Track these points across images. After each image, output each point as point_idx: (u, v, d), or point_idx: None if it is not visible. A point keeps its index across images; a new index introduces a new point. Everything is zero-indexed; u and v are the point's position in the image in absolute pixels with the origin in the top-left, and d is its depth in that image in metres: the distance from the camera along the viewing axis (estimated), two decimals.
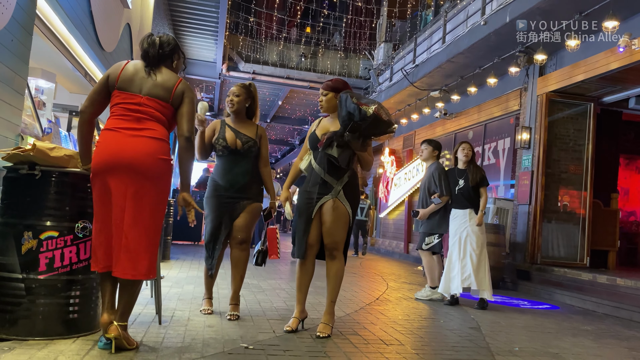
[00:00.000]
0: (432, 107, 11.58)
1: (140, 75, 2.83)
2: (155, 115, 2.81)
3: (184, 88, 2.90)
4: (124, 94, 2.80)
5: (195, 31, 12.64)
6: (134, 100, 2.79)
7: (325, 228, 3.48)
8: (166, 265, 6.70)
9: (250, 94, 3.88)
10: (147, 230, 2.74)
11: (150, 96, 2.81)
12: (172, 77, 2.89)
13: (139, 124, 2.77)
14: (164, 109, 2.84)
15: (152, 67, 2.87)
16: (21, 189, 2.91)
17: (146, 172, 2.71)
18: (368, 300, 5.28)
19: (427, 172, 5.83)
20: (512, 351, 3.52)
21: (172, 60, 2.98)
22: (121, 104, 2.79)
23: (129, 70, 2.84)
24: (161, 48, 2.89)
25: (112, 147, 2.72)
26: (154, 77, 2.84)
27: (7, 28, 3.06)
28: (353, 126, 3.28)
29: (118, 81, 2.81)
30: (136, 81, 2.82)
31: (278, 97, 18.02)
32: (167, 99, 2.84)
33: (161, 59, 2.91)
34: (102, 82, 2.87)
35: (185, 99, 2.89)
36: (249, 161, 3.82)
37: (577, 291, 6.77)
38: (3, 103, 3.15)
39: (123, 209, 2.70)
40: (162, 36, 2.96)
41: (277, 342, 3.19)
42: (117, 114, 2.79)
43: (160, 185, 2.80)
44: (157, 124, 2.81)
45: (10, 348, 2.65)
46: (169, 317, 3.65)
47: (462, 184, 5.54)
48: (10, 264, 2.85)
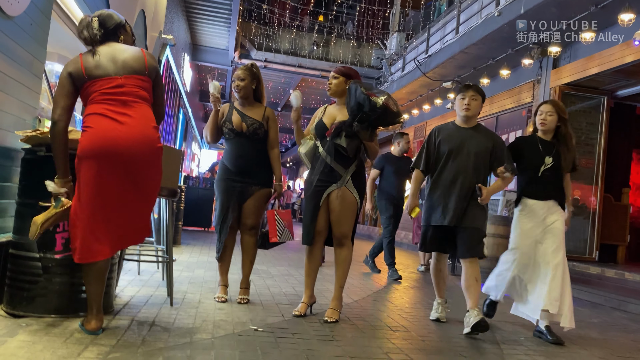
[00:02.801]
0: (444, 98, 11.53)
1: (103, 58, 2.67)
2: (139, 94, 2.71)
3: (152, 59, 2.79)
4: (99, 81, 2.65)
5: (208, 18, 12.66)
6: (113, 83, 2.65)
7: (333, 216, 3.52)
8: (177, 250, 6.79)
9: (254, 75, 3.87)
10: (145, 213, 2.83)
11: (128, 74, 2.68)
12: (136, 49, 2.77)
13: (126, 108, 2.66)
14: (144, 83, 2.74)
15: (107, 46, 2.70)
16: (39, 171, 2.97)
17: (141, 160, 2.69)
18: (375, 289, 5.33)
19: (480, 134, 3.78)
20: (517, 341, 3.56)
21: (117, 37, 2.80)
22: (100, 90, 2.65)
23: (89, 59, 2.67)
24: (102, 26, 2.73)
25: (104, 133, 2.61)
26: (118, 55, 2.69)
27: (27, 12, 3.11)
28: (362, 116, 3.32)
29: (85, 72, 2.64)
30: (104, 65, 2.66)
31: (289, 85, 18.02)
32: (143, 71, 2.73)
33: (107, 36, 2.74)
34: (67, 82, 2.65)
35: (158, 75, 2.83)
36: (257, 145, 3.82)
37: (585, 285, 6.77)
38: (22, 86, 3.21)
39: (117, 195, 2.66)
40: (101, 13, 2.78)
41: (286, 326, 3.26)
42: (99, 99, 2.65)
43: (155, 171, 2.80)
44: (144, 106, 2.73)
45: (27, 324, 2.73)
46: (180, 300, 3.72)
47: (549, 162, 3.78)
48: (28, 244, 2.92)
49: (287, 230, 3.75)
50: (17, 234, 2.99)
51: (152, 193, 2.84)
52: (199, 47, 14.91)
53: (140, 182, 2.74)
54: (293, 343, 2.87)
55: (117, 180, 2.66)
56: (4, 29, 2.89)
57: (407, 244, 12.99)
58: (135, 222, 2.78)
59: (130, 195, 2.72)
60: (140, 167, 2.71)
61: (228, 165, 3.85)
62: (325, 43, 16.19)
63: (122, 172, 2.66)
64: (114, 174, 2.64)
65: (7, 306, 2.93)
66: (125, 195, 2.70)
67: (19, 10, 2.99)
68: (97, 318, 2.70)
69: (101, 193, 2.63)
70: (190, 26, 13.32)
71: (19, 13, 3.01)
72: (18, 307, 2.91)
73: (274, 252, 7.48)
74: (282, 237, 3.72)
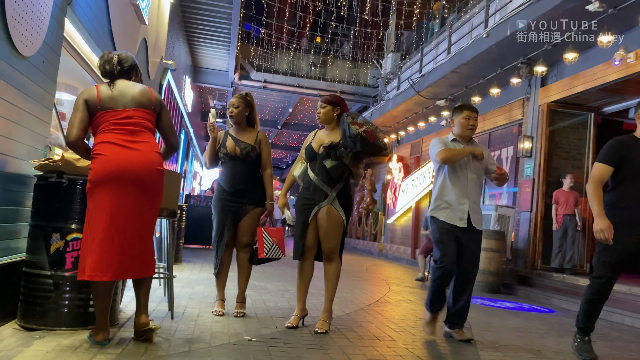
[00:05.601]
0: (438, 115, 11.85)
1: (116, 92, 3.00)
2: (145, 125, 3.02)
3: (158, 96, 3.16)
4: (110, 112, 2.96)
5: (208, 42, 13.07)
6: (123, 114, 2.97)
7: (321, 232, 3.79)
8: (178, 267, 7.04)
9: (247, 103, 4.16)
10: (147, 233, 3.05)
11: (136, 107, 3.01)
12: (144, 87, 3.11)
13: (134, 136, 2.96)
14: (149, 116, 3.06)
15: (115, 82, 3.04)
16: (50, 195, 3.25)
17: (147, 182, 2.97)
18: (368, 302, 5.57)
19: None
20: (495, 347, 3.79)
21: (130, 76, 3.14)
22: (110, 120, 2.95)
23: (104, 91, 2.99)
24: (120, 64, 3.09)
25: (115, 159, 2.89)
26: (128, 91, 3.02)
27: (39, 51, 3.42)
28: (345, 142, 3.62)
29: (99, 103, 2.95)
30: (116, 98, 2.99)
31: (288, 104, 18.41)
32: (150, 106, 3.06)
33: (122, 74, 3.09)
34: (83, 108, 2.95)
35: (163, 108, 3.17)
36: (250, 167, 4.10)
37: (574, 296, 6.98)
38: (34, 118, 3.51)
39: (125, 218, 2.91)
40: (120, 54, 3.14)
41: (279, 336, 3.50)
42: (109, 129, 2.94)
43: (157, 192, 3.07)
44: (150, 135, 3.05)
45: (40, 336, 2.98)
46: (180, 314, 3.97)
47: None
48: (40, 262, 3.19)
49: (277, 247, 3.98)
50: (30, 253, 3.25)
51: (153, 215, 3.11)
52: (199, 69, 15.32)
53: (145, 204, 3.01)
54: (284, 351, 3.11)
55: (126, 202, 2.92)
56: (19, 68, 3.19)
57: (405, 259, 13.21)
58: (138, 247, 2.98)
59: (136, 217, 2.97)
60: (147, 188, 2.99)
61: (224, 186, 4.12)
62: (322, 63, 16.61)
63: (131, 194, 2.93)
64: (124, 196, 2.91)
65: (22, 320, 3.18)
66: (132, 217, 2.95)
67: (33, 50, 3.30)
68: (104, 330, 2.95)
69: (112, 214, 2.88)
70: (191, 49, 13.73)
71: (33, 53, 3.32)
72: (31, 321, 3.16)
73: (271, 269, 7.73)
74: (270, 254, 3.95)
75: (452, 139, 4.03)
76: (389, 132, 14.72)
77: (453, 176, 3.91)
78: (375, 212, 16.80)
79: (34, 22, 3.27)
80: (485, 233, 7.97)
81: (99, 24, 4.85)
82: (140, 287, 3.11)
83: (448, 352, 3.50)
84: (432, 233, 3.96)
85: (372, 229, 17.01)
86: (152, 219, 3.10)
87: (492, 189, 10.37)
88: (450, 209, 3.86)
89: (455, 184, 3.89)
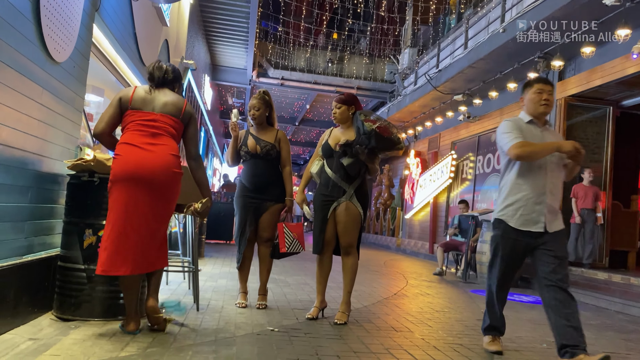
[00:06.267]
0: (456, 110, 11.87)
1: (150, 96, 3.20)
2: (168, 130, 3.18)
3: (190, 109, 3.33)
4: (138, 112, 3.14)
5: (227, 41, 13.26)
6: (149, 117, 3.14)
7: (340, 228, 3.92)
8: (201, 262, 7.24)
9: (267, 103, 4.31)
10: (161, 230, 3.20)
11: (164, 113, 3.18)
12: (180, 98, 3.31)
13: (154, 139, 3.11)
14: (175, 124, 3.22)
15: (158, 88, 3.24)
16: (82, 193, 3.44)
17: (163, 183, 3.11)
18: (386, 295, 5.69)
19: None
20: (510, 338, 3.88)
21: (173, 87, 3.35)
22: (137, 120, 3.13)
23: (139, 93, 3.19)
24: (166, 73, 3.29)
25: (133, 159, 3.04)
26: (163, 97, 3.21)
27: (71, 57, 3.61)
28: (361, 139, 3.74)
29: (131, 102, 3.15)
30: (148, 101, 3.18)
31: (306, 101, 18.54)
32: (178, 115, 3.22)
33: (165, 82, 3.29)
34: (116, 105, 3.17)
35: (192, 120, 3.32)
36: (270, 164, 4.25)
37: (592, 290, 7.01)
38: (66, 120, 3.70)
39: (142, 215, 3.06)
40: (169, 65, 3.37)
41: (300, 327, 3.65)
42: (133, 129, 3.12)
43: (173, 193, 3.21)
44: (170, 139, 3.20)
45: (76, 326, 3.18)
46: (205, 306, 4.15)
47: None
48: (74, 257, 3.38)
49: (297, 241, 4.13)
50: (64, 248, 3.45)
51: (168, 213, 3.25)
52: (218, 68, 15.53)
53: (159, 203, 3.14)
54: (305, 341, 3.26)
55: (141, 201, 3.06)
56: (53, 74, 3.38)
57: (423, 254, 13.28)
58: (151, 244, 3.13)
59: (151, 215, 3.10)
60: (161, 189, 3.12)
61: (245, 184, 4.28)
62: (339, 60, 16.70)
63: (146, 194, 3.07)
64: (139, 196, 3.06)
65: (57, 311, 3.39)
66: (147, 215, 3.09)
67: (65, 56, 3.49)
68: (134, 321, 3.13)
69: (128, 213, 3.04)
70: (210, 48, 13.94)
71: (65, 59, 3.51)
72: (67, 312, 3.36)
73: (291, 263, 7.90)
74: (290, 248, 4.11)
75: (527, 120, 3.38)
76: (406, 128, 14.76)
77: (527, 170, 3.25)
78: (393, 207, 16.87)
79: (66, 29, 3.46)
80: None
81: (123, 27, 5.04)
82: (151, 275, 3.28)
83: (464, 343, 3.61)
84: (492, 240, 3.36)
85: (390, 224, 17.08)
86: (166, 216, 3.24)
87: None
88: (524, 211, 3.23)
89: (531, 179, 3.24)
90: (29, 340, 2.80)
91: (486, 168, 11.46)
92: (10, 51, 2.80)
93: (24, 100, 3.01)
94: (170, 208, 3.24)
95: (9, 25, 2.76)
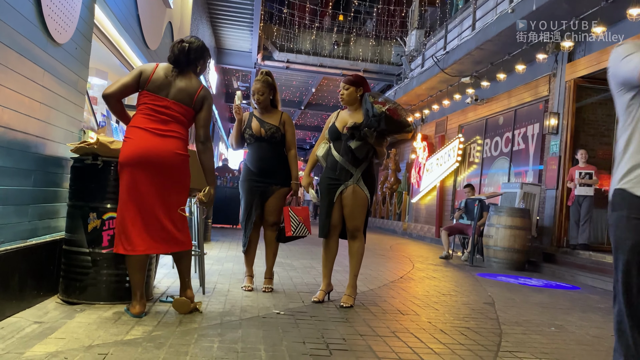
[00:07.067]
0: (463, 93, 11.75)
1: (168, 80, 3.16)
2: (178, 118, 3.19)
3: (205, 94, 3.27)
4: (152, 95, 3.15)
5: (231, 23, 13.13)
6: (162, 103, 3.14)
7: (346, 211, 3.88)
8: (207, 246, 7.25)
9: (271, 86, 4.23)
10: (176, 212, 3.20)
11: (176, 100, 3.16)
12: (195, 83, 3.25)
13: (164, 125, 3.13)
14: (186, 112, 3.22)
15: (180, 72, 3.19)
16: (86, 177, 3.41)
17: (171, 166, 3.14)
18: (392, 279, 5.67)
19: None
20: (518, 322, 3.86)
21: (197, 65, 3.30)
22: (149, 104, 3.14)
23: (159, 74, 3.17)
24: (190, 54, 3.23)
25: (143, 144, 3.07)
26: (180, 83, 3.19)
27: (73, 38, 3.55)
28: (369, 122, 3.67)
29: (149, 83, 3.14)
30: (164, 86, 3.16)
31: (312, 84, 18.40)
32: (190, 103, 3.22)
33: (189, 64, 3.24)
34: (135, 76, 3.16)
35: (205, 105, 3.28)
36: (275, 148, 4.20)
37: (601, 273, 6.96)
38: (69, 103, 3.66)
39: (152, 197, 3.10)
40: (192, 42, 3.27)
41: (305, 310, 3.63)
42: (145, 112, 3.14)
43: (183, 175, 3.22)
44: (180, 126, 3.20)
45: (81, 309, 3.17)
46: (211, 289, 4.14)
47: None
48: (79, 240, 3.37)
49: (303, 225, 4.10)
50: (69, 232, 3.43)
51: (183, 195, 3.26)
52: (223, 51, 15.41)
53: (170, 185, 3.17)
54: (311, 324, 3.25)
55: (153, 184, 3.10)
56: (55, 55, 3.33)
57: (430, 238, 13.25)
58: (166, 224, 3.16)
59: (162, 197, 3.14)
60: (170, 171, 3.15)
61: (250, 167, 4.24)
62: (345, 42, 16.52)
63: (156, 177, 3.11)
64: (150, 178, 3.09)
65: (63, 295, 3.38)
66: (159, 197, 3.12)
67: (67, 37, 3.43)
68: (140, 303, 3.13)
69: (140, 195, 3.09)
70: (215, 31, 13.82)
71: (67, 40, 3.45)
72: (72, 295, 3.35)
73: (297, 247, 7.89)
74: (296, 232, 4.07)
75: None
76: (413, 111, 14.64)
77: None
78: (399, 191, 16.82)
79: (66, 9, 3.40)
80: (510, 211, 8.00)
81: (126, 9, 4.97)
82: (179, 263, 3.35)
83: (470, 327, 3.59)
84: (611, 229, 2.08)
85: (397, 208, 17.05)
86: (181, 198, 3.25)
87: (518, 166, 10.29)
88: None
89: None
90: (34, 323, 2.79)
91: (494, 151, 11.36)
92: (10, 31, 2.75)
93: (26, 82, 2.97)
94: (184, 190, 3.27)
95: (8, 4, 2.71)
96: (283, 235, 4.12)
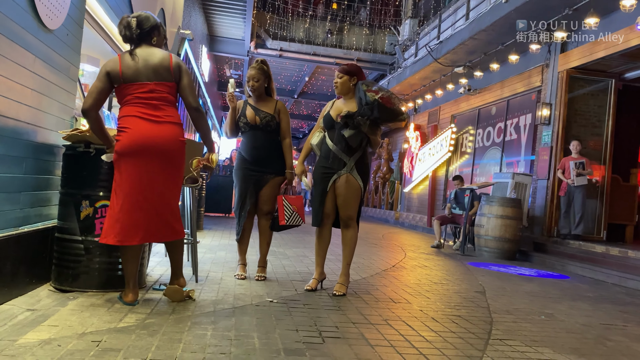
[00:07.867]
0: (456, 83, 11.75)
1: (137, 63, 3.03)
2: (167, 98, 3.11)
3: (177, 61, 3.16)
4: (133, 85, 3.04)
5: (224, 10, 13.02)
6: (145, 88, 3.05)
7: (339, 200, 3.89)
8: (200, 235, 7.25)
9: (266, 74, 4.20)
10: (173, 200, 3.20)
11: (158, 81, 3.06)
12: (164, 56, 3.10)
13: (157, 111, 3.07)
14: (170, 89, 3.12)
15: (140, 49, 3.06)
16: (78, 164, 3.39)
17: (170, 153, 3.11)
18: (384, 267, 5.71)
19: None
20: (508, 310, 3.90)
21: (151, 37, 3.14)
22: (134, 94, 3.05)
23: (127, 62, 3.03)
24: (139, 27, 3.08)
25: (142, 132, 3.02)
26: (148, 60, 3.04)
27: (64, 24, 3.51)
28: (363, 110, 3.67)
29: (122, 75, 3.02)
30: (139, 70, 3.03)
31: (305, 73, 18.32)
32: (170, 77, 3.10)
33: (141, 38, 3.10)
34: (104, 80, 3.03)
35: (183, 71, 3.17)
36: (270, 136, 4.18)
37: (590, 262, 7.04)
38: (61, 90, 3.62)
39: (153, 185, 3.08)
40: (139, 15, 3.13)
41: (298, 298, 3.65)
42: (134, 102, 3.05)
43: (179, 161, 3.20)
44: (172, 109, 3.15)
45: (74, 297, 3.17)
46: (204, 277, 4.15)
47: None
48: (71, 228, 3.36)
49: (297, 214, 4.11)
50: (61, 220, 3.42)
51: (178, 183, 3.25)
52: (216, 39, 15.29)
53: (169, 174, 3.15)
54: (304, 312, 3.27)
55: (152, 172, 3.08)
56: (45, 41, 3.29)
57: (422, 227, 13.32)
58: (164, 213, 3.15)
59: (161, 185, 3.12)
60: (170, 159, 3.13)
61: (245, 156, 4.23)
62: (338, 31, 16.44)
63: (156, 165, 3.08)
64: (150, 167, 3.07)
65: (55, 282, 3.38)
66: (158, 186, 3.11)
67: (58, 23, 3.39)
68: (133, 292, 3.13)
69: (140, 184, 3.06)
70: (207, 18, 13.69)
71: (58, 26, 3.41)
72: (65, 283, 3.35)
73: (290, 236, 7.91)
74: (290, 221, 4.08)
75: None
76: (406, 100, 14.63)
77: None
78: (391, 181, 16.86)
79: None
80: (501, 201, 8.05)
81: None
82: (172, 252, 3.34)
83: (462, 315, 3.62)
84: None
85: (389, 197, 17.10)
86: (176, 187, 3.24)
87: (510, 156, 10.34)
88: None
89: None
90: (27, 311, 2.79)
91: (486, 141, 11.41)
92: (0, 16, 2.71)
93: (16, 68, 2.94)
94: (180, 177, 3.24)
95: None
96: (277, 224, 4.12)
